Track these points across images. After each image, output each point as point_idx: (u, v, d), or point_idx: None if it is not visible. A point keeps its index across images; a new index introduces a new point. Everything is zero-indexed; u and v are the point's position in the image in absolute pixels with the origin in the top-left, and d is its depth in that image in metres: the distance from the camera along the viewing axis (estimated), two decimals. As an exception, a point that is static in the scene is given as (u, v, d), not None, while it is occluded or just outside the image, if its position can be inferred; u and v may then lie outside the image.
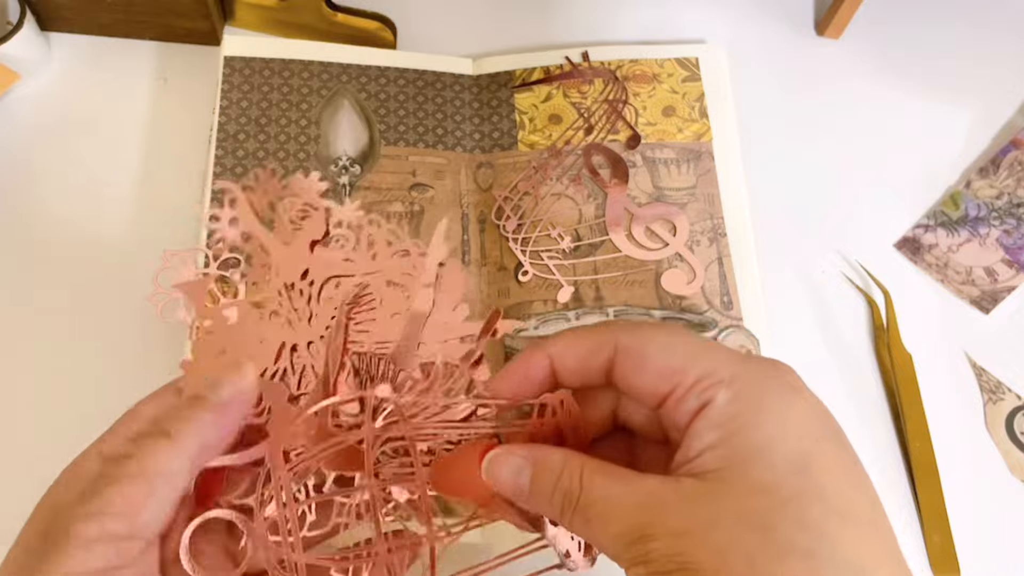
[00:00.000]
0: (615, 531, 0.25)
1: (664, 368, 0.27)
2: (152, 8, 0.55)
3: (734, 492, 0.24)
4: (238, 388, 0.31)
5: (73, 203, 0.53)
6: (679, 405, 0.27)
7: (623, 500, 0.25)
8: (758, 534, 0.23)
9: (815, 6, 0.62)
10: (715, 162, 0.53)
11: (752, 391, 0.26)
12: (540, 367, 0.29)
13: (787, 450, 0.24)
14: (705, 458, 0.25)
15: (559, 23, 0.61)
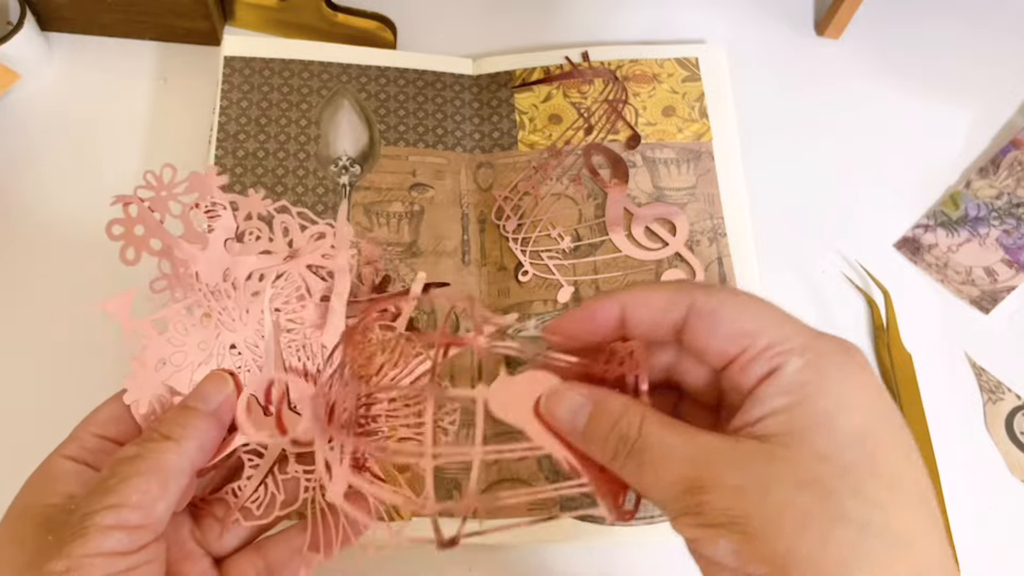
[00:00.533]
0: (669, 479, 0.26)
1: (737, 330, 0.27)
2: (152, 8, 0.55)
3: (795, 457, 0.25)
4: (223, 395, 0.34)
5: (73, 203, 0.53)
6: (746, 368, 0.27)
7: (681, 450, 0.26)
8: (815, 499, 0.24)
9: (815, 6, 0.62)
10: (715, 162, 0.53)
11: (822, 363, 0.26)
12: (610, 315, 0.30)
13: (850, 423, 0.25)
14: (768, 422, 0.25)
15: (559, 23, 0.61)
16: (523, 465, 0.46)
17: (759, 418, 0.26)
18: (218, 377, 0.34)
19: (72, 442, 0.33)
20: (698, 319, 0.28)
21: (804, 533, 0.23)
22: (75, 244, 0.52)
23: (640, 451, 0.26)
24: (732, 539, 0.24)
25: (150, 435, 0.31)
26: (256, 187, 0.51)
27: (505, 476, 0.46)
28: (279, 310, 0.35)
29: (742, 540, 0.24)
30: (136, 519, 0.29)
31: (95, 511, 0.28)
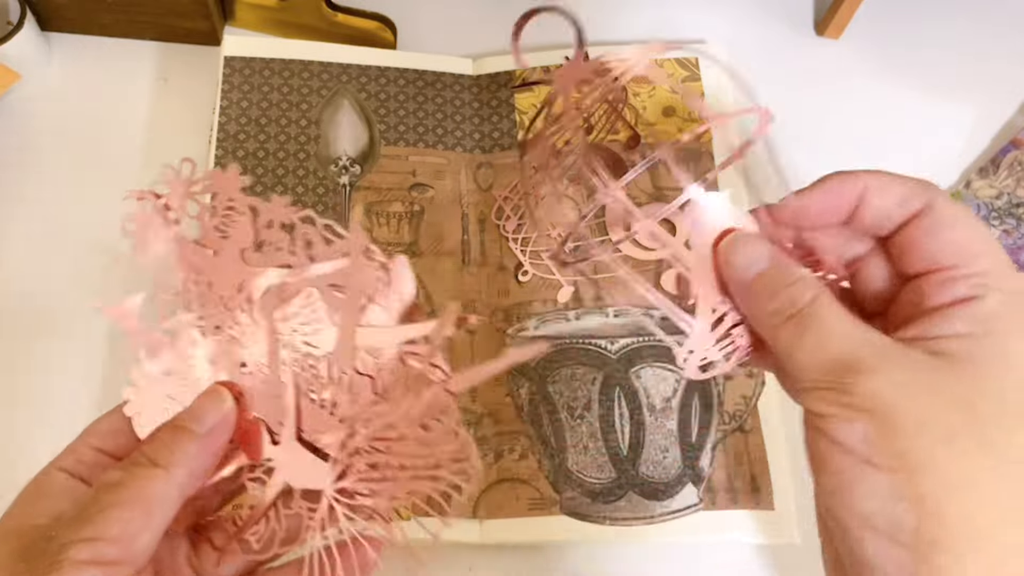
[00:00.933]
0: (829, 350, 0.26)
1: (964, 244, 0.27)
2: (152, 8, 0.55)
3: (963, 379, 0.25)
4: (220, 416, 0.31)
5: (73, 203, 0.53)
6: (949, 284, 0.27)
7: (850, 331, 0.26)
8: (966, 422, 0.24)
9: (815, 6, 0.62)
10: (715, 162, 0.53)
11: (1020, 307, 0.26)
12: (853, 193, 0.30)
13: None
14: (948, 342, 0.25)
15: (559, 23, 0.60)
16: (523, 465, 0.46)
17: (939, 336, 0.26)
18: (214, 393, 0.31)
19: (69, 454, 0.31)
20: (931, 219, 0.28)
21: (945, 446, 0.23)
22: (76, 244, 0.52)
23: (807, 317, 0.27)
24: (872, 425, 0.24)
25: (136, 459, 0.29)
26: (275, 191, 0.51)
27: (505, 476, 0.46)
28: (296, 330, 0.32)
29: (880, 430, 0.24)
30: (114, 554, 0.27)
31: (71, 543, 0.26)
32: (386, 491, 0.30)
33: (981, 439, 0.24)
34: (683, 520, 0.46)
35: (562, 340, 0.48)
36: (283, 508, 0.31)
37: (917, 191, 0.29)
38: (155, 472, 0.28)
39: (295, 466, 0.31)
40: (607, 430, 0.47)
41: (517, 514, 0.45)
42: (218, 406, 0.31)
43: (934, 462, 0.23)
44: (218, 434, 0.30)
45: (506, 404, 0.48)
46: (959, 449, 0.24)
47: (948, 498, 0.23)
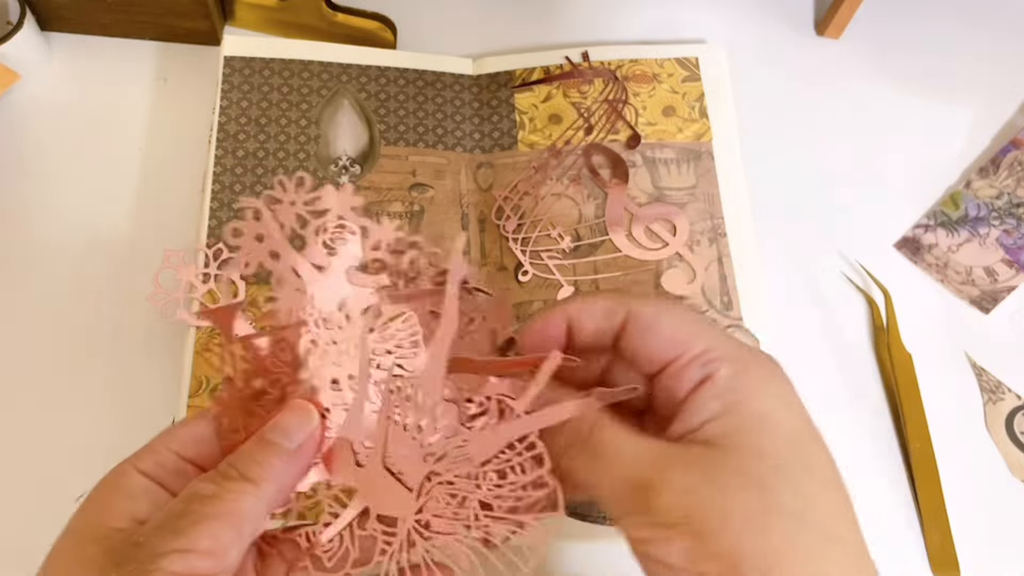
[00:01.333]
0: (623, 474, 0.27)
1: (672, 336, 0.29)
2: (152, 8, 0.55)
3: (736, 457, 0.26)
4: (308, 432, 0.31)
5: (73, 203, 0.53)
6: (681, 374, 0.28)
7: (636, 447, 0.27)
8: (755, 495, 0.25)
9: (815, 6, 0.62)
10: (715, 162, 0.53)
11: (751, 370, 0.28)
12: (559, 326, 0.31)
13: (783, 423, 0.27)
14: (708, 427, 0.27)
15: (559, 23, 0.61)
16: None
17: (700, 424, 0.27)
18: (302, 409, 0.31)
19: (149, 455, 0.30)
20: (635, 324, 0.29)
21: (747, 528, 0.25)
22: (76, 244, 0.52)
23: (597, 444, 0.28)
24: (685, 539, 0.25)
25: (227, 472, 0.29)
26: (254, 187, 0.51)
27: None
28: (391, 352, 0.31)
29: (694, 539, 0.25)
30: (206, 567, 0.27)
31: (163, 553, 0.26)
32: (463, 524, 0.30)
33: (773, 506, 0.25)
34: (683, 520, 0.46)
35: (562, 340, 0.48)
36: (358, 528, 0.31)
37: (615, 304, 0.30)
38: (246, 487, 0.28)
39: (378, 491, 0.31)
40: (607, 430, 0.47)
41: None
42: (306, 422, 0.31)
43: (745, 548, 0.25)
44: (306, 450, 0.30)
45: (506, 404, 0.48)
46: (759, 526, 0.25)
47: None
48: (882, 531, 0.47)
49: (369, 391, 0.31)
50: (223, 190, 0.50)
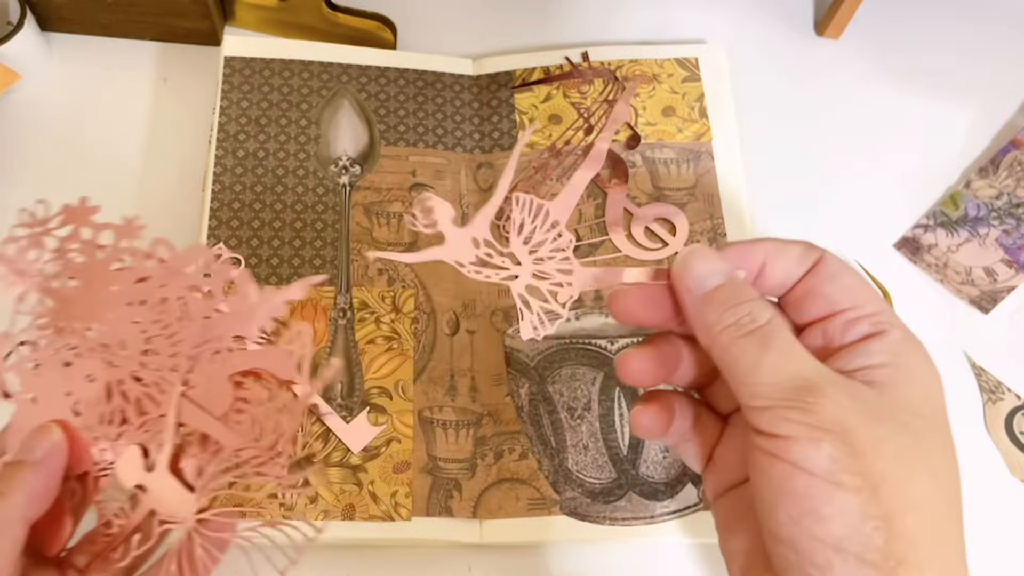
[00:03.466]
0: (790, 369, 0.27)
1: (854, 288, 0.30)
2: (152, 8, 0.55)
3: (897, 403, 0.27)
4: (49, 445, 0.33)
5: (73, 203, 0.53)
6: (852, 324, 0.29)
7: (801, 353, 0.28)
8: (912, 440, 0.26)
9: (815, 6, 0.62)
10: (715, 162, 0.54)
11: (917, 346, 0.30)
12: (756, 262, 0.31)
13: (934, 396, 0.29)
14: (873, 372, 0.28)
15: (559, 23, 0.61)
16: (523, 465, 0.46)
17: (863, 367, 0.28)
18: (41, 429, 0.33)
19: None
20: (825, 268, 0.30)
21: (899, 461, 0.26)
22: (75, 244, 0.52)
23: (768, 335, 0.28)
24: (837, 446, 0.25)
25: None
26: (275, 191, 0.51)
27: (504, 477, 0.46)
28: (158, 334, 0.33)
29: (846, 450, 0.25)
30: None
31: None
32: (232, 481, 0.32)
33: (924, 456, 0.26)
34: (683, 520, 0.46)
35: (562, 340, 0.48)
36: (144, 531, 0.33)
37: (810, 249, 0.31)
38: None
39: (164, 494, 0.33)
40: (607, 430, 0.47)
41: (517, 514, 0.45)
42: (46, 437, 0.33)
43: (894, 481, 0.25)
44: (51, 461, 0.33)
45: (506, 404, 0.48)
46: (908, 468, 0.26)
47: (908, 516, 0.25)
48: (882, 531, 0.47)
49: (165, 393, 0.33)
50: (223, 190, 0.50)
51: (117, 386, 0.33)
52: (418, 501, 0.45)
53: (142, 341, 0.33)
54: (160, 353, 0.33)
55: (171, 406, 0.33)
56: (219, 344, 0.33)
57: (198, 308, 0.33)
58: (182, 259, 0.34)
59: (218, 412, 0.33)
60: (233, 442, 0.32)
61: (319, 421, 0.46)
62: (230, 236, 0.49)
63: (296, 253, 0.50)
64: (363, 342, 0.48)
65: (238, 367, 0.33)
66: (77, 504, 0.34)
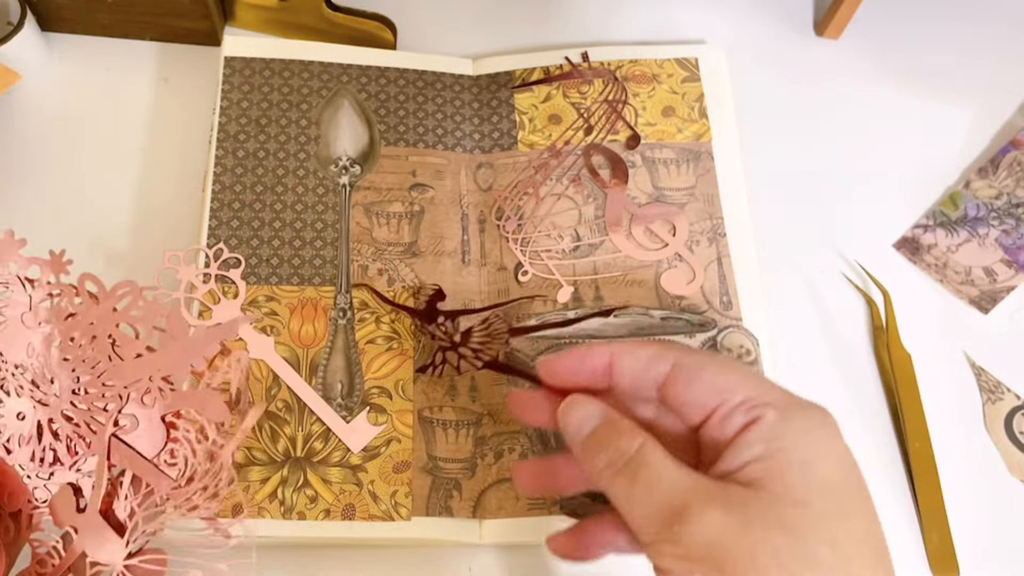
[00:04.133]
0: (658, 499, 0.27)
1: (717, 384, 0.29)
2: (152, 8, 0.55)
3: (774, 499, 0.26)
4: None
5: (73, 203, 0.53)
6: (726, 420, 0.29)
7: (674, 476, 0.27)
8: (790, 539, 0.25)
9: (815, 6, 0.62)
10: (714, 162, 0.54)
11: (798, 417, 0.28)
12: (599, 362, 0.32)
13: (826, 475, 0.27)
14: (750, 468, 0.27)
15: (559, 23, 0.61)
16: (523, 465, 0.46)
17: (741, 465, 0.27)
18: None
19: None
20: (681, 373, 0.30)
21: (774, 573, 0.25)
22: (76, 244, 0.51)
23: (637, 467, 0.28)
24: (709, 572, 0.25)
25: None
26: (275, 191, 0.51)
27: (505, 476, 0.46)
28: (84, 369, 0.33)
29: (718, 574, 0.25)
30: None
31: None
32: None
33: (808, 557, 0.25)
34: (683, 520, 0.46)
35: (562, 340, 0.48)
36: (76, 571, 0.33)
37: (662, 352, 0.31)
38: None
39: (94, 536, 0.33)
40: (607, 430, 0.47)
41: (517, 514, 0.45)
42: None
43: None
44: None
45: (506, 404, 0.48)
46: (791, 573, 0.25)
47: None
48: (881, 531, 0.47)
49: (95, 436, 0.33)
50: (223, 190, 0.50)
51: (48, 425, 0.33)
52: (418, 501, 0.45)
53: (72, 379, 0.33)
54: (91, 391, 0.33)
55: (102, 447, 0.32)
56: (150, 384, 0.33)
57: (128, 347, 0.33)
58: (111, 295, 0.34)
59: (150, 453, 0.33)
60: (164, 485, 0.32)
61: (319, 421, 0.46)
62: (230, 236, 0.49)
63: (296, 253, 0.50)
64: (363, 342, 0.48)
65: (170, 407, 0.33)
66: (11, 542, 0.33)
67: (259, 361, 0.47)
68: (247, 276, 0.49)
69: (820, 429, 0.28)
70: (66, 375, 0.33)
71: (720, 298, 0.50)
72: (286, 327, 0.48)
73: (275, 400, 0.46)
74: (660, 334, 0.48)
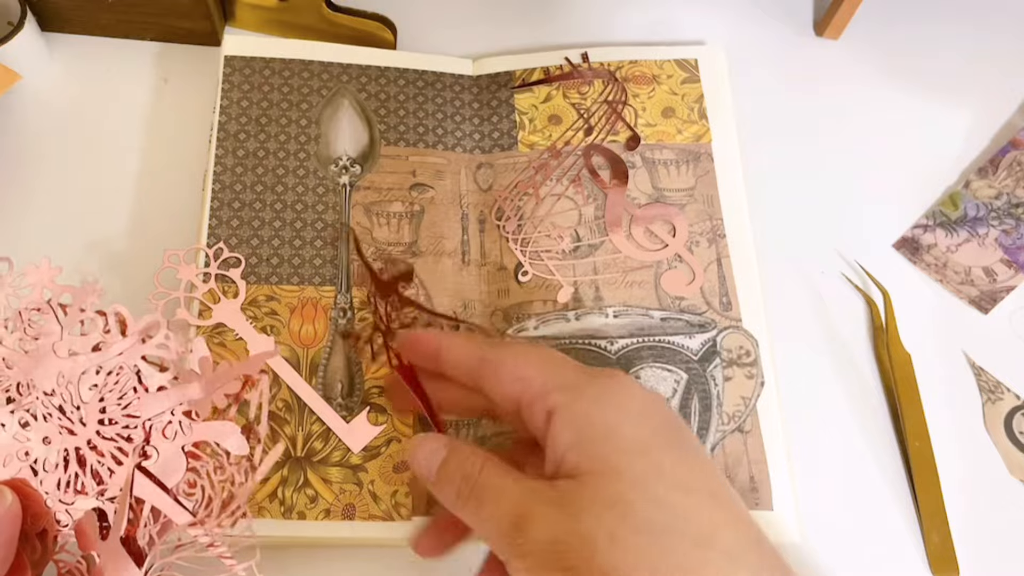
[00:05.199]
0: (500, 515, 0.28)
1: (514, 376, 0.30)
2: (152, 8, 0.55)
3: (595, 482, 0.26)
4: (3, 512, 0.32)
5: (73, 203, 0.53)
6: (529, 411, 0.29)
7: (510, 488, 0.28)
8: (617, 513, 0.25)
9: (814, 6, 0.62)
10: (714, 163, 0.54)
11: (592, 392, 0.29)
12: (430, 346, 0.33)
13: (629, 436, 0.27)
14: (568, 459, 0.28)
15: (559, 24, 0.61)
16: (523, 465, 0.46)
17: (561, 457, 0.28)
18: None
19: None
20: (485, 367, 0.31)
21: (612, 550, 0.25)
22: (76, 244, 0.52)
23: (480, 489, 0.29)
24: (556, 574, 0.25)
25: None
26: (275, 191, 0.51)
27: (505, 476, 0.46)
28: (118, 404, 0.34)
29: (565, 573, 0.25)
30: None
31: None
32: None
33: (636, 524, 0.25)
34: (683, 520, 0.46)
35: (562, 340, 0.48)
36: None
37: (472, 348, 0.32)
38: None
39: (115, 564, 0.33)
40: (607, 430, 0.47)
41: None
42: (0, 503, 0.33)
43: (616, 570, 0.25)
44: (4, 526, 0.32)
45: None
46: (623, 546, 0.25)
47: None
48: (881, 531, 0.47)
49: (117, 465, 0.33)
50: (223, 190, 0.50)
51: (75, 453, 0.33)
52: (418, 501, 0.45)
53: (98, 409, 0.33)
54: (116, 422, 0.33)
55: (126, 478, 0.33)
56: (172, 417, 0.33)
57: (153, 379, 0.33)
58: (139, 327, 0.34)
59: (171, 483, 0.33)
60: (184, 519, 0.33)
61: (319, 421, 0.46)
62: (230, 236, 0.49)
63: (296, 253, 0.50)
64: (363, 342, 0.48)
65: (192, 439, 0.33)
66: (38, 560, 0.33)
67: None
68: (247, 276, 0.49)
69: (614, 395, 0.28)
70: (93, 404, 0.33)
71: (720, 299, 0.50)
72: (286, 327, 0.48)
73: (275, 400, 0.46)
74: (660, 334, 0.48)
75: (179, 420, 0.33)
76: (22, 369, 0.33)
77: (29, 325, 0.34)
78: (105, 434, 0.33)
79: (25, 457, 0.33)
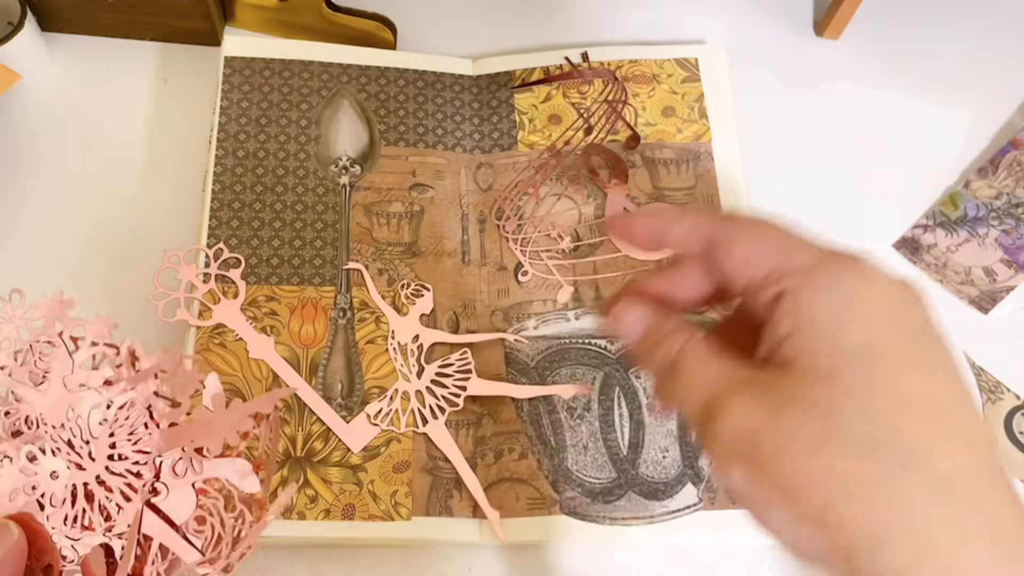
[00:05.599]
0: (694, 399, 0.26)
1: (747, 254, 0.27)
2: (152, 9, 0.55)
3: (803, 380, 0.24)
4: (9, 547, 0.32)
5: (73, 203, 0.53)
6: (758, 293, 0.27)
7: (711, 370, 0.26)
8: (820, 419, 0.23)
9: (814, 6, 0.62)
10: (714, 163, 0.54)
11: (824, 279, 0.26)
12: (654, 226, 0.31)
13: (853, 339, 0.24)
14: (784, 348, 0.25)
15: (559, 23, 0.61)
16: (523, 465, 0.46)
17: (777, 344, 0.25)
18: (3, 527, 0.32)
19: None
20: (717, 245, 0.28)
21: (806, 456, 0.23)
22: (76, 243, 0.52)
23: (677, 371, 0.27)
24: (743, 468, 0.24)
25: None
26: (275, 191, 0.51)
27: (504, 476, 0.46)
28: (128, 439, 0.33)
29: (750, 467, 0.24)
30: None
31: None
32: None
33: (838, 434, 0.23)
34: (683, 520, 0.46)
35: (562, 340, 0.48)
36: None
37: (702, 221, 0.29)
38: None
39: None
40: (607, 430, 0.47)
41: (517, 514, 0.45)
42: (5, 538, 0.32)
43: (805, 478, 0.23)
44: (10, 561, 0.32)
45: (506, 404, 0.48)
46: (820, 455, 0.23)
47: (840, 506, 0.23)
48: (881, 531, 0.47)
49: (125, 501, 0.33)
50: (223, 190, 0.50)
51: (83, 488, 0.33)
52: (418, 501, 0.45)
53: (108, 444, 0.33)
54: (126, 458, 0.33)
55: (135, 515, 0.33)
56: (183, 452, 0.33)
57: (163, 415, 0.33)
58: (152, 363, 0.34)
59: (180, 521, 0.33)
60: (193, 557, 0.32)
61: (319, 421, 0.46)
62: (230, 236, 0.49)
63: (296, 253, 0.50)
64: (363, 342, 0.48)
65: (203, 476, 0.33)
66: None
67: (259, 361, 0.47)
68: (247, 276, 0.49)
69: (848, 285, 0.25)
70: (103, 439, 0.33)
71: (720, 298, 0.50)
72: (286, 327, 0.48)
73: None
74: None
75: (190, 456, 0.33)
76: (31, 402, 0.33)
77: (40, 358, 0.34)
78: (114, 469, 0.33)
79: (32, 491, 0.33)
